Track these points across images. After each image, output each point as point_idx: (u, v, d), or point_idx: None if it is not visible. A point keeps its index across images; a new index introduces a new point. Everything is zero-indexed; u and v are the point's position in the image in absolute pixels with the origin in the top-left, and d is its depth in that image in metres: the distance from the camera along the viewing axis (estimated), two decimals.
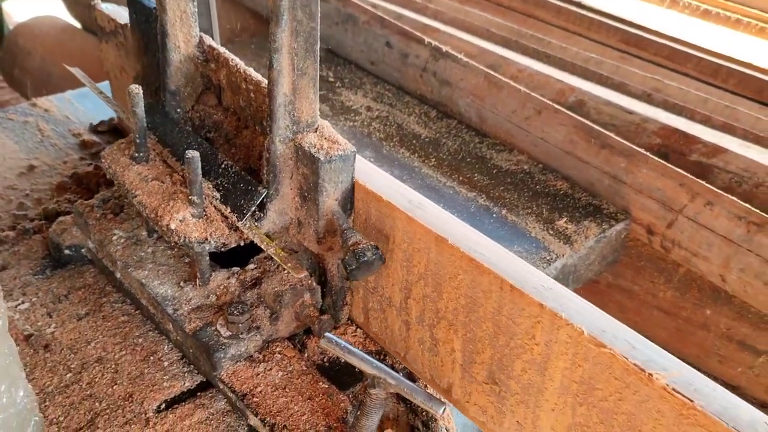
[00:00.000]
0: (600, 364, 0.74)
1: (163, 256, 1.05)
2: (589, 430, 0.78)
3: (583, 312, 0.77)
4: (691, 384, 0.69)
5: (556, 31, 1.98)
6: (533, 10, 2.06)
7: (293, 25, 0.82)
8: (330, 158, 0.87)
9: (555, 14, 2.01)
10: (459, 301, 0.85)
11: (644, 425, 0.72)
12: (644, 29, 1.93)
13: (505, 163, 1.37)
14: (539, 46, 1.87)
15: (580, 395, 0.77)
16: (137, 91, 0.97)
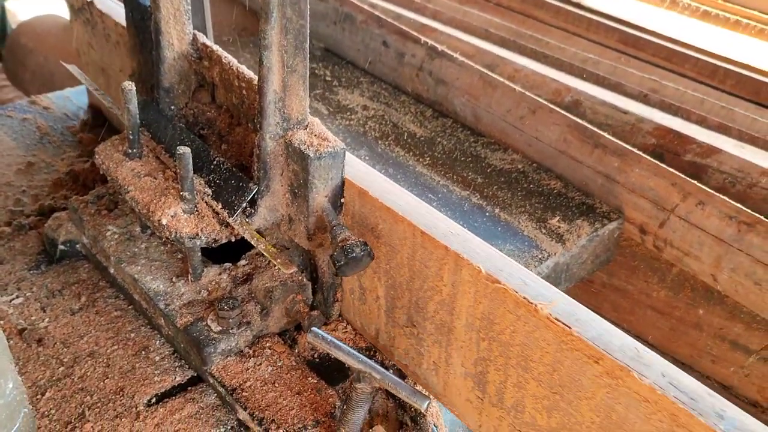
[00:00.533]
0: (496, 299, 0.80)
1: (156, 252, 1.06)
2: (491, 362, 0.84)
3: (483, 253, 0.83)
4: (573, 314, 0.75)
5: (554, 32, 1.98)
6: (532, 11, 2.06)
7: (283, 22, 0.83)
8: (320, 155, 0.88)
9: (554, 15, 2.02)
10: (380, 250, 0.91)
11: (534, 353, 0.78)
12: (643, 30, 1.93)
13: (500, 162, 1.37)
14: (537, 46, 1.87)
15: (482, 331, 0.84)
16: (130, 87, 0.98)
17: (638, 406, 0.68)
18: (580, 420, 0.74)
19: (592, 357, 0.71)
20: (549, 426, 0.78)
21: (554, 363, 0.75)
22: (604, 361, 0.70)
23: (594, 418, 0.73)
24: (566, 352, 0.74)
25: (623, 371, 0.68)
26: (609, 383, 0.70)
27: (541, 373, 0.77)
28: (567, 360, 0.73)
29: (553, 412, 0.77)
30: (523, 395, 0.80)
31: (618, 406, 0.70)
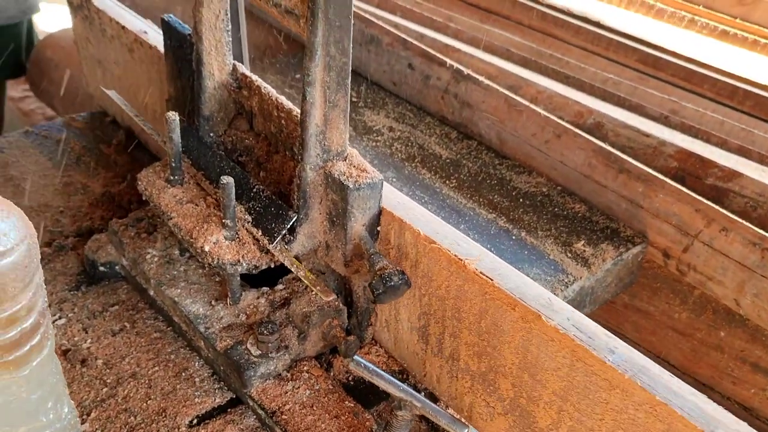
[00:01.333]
0: (433, 258, 0.91)
1: (194, 275, 1.09)
2: (431, 316, 0.95)
3: (423, 219, 0.94)
4: (495, 269, 0.87)
5: (574, 51, 2.01)
6: (552, 29, 2.09)
7: (326, 60, 0.86)
8: (359, 186, 0.91)
9: (574, 33, 2.05)
10: None
11: (464, 305, 0.89)
12: (662, 50, 1.96)
13: (525, 185, 1.40)
14: (558, 66, 1.90)
15: (423, 287, 0.94)
16: (174, 117, 1.01)
17: (547, 346, 0.81)
18: (503, 362, 0.88)
19: (510, 305, 0.83)
20: (480, 370, 0.92)
21: (481, 312, 0.88)
22: (519, 307, 0.83)
23: (514, 359, 0.86)
24: (489, 301, 0.86)
25: (535, 316, 0.81)
26: (524, 327, 0.83)
27: (471, 322, 0.90)
28: (491, 309, 0.86)
29: (483, 356, 0.90)
30: (458, 344, 0.94)
31: (532, 346, 0.83)
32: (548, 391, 0.82)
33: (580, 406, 0.79)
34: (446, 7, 2.18)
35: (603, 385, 0.75)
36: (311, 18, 0.83)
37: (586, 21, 2.09)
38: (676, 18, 2.22)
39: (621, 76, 1.87)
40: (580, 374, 0.77)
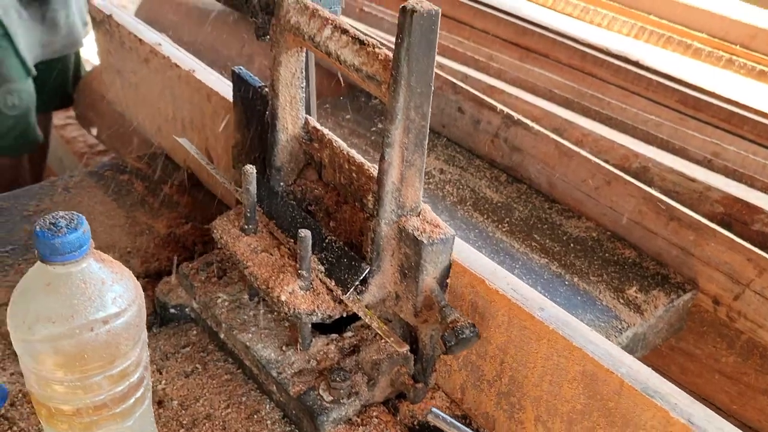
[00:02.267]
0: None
1: (264, 320, 1.14)
2: None
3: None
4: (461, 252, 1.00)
5: (614, 90, 2.05)
6: (591, 68, 2.13)
7: (406, 123, 0.90)
8: (432, 241, 0.95)
9: (613, 73, 2.08)
10: None
11: None
12: (701, 90, 1.99)
13: (575, 230, 1.43)
14: (599, 106, 1.94)
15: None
16: (251, 170, 1.06)
17: (489, 306, 0.97)
18: None
19: (458, 273, 0.99)
20: None
21: None
22: (467, 274, 0.98)
23: None
24: None
25: (479, 281, 0.97)
26: (471, 291, 0.99)
27: None
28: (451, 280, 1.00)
29: None
30: None
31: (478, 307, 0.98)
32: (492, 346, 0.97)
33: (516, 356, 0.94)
34: (487, 46, 2.23)
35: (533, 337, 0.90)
36: (394, 85, 0.88)
37: (626, 60, 2.13)
38: (714, 57, 2.26)
39: (661, 117, 1.90)
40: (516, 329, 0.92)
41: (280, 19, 1.02)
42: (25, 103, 2.21)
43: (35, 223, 0.68)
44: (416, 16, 0.83)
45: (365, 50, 0.92)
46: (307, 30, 0.99)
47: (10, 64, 2.12)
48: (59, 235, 0.66)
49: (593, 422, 0.88)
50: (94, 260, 0.70)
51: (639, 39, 2.42)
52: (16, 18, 2.08)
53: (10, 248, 1.34)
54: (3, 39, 2.06)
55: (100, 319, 0.69)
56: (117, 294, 0.70)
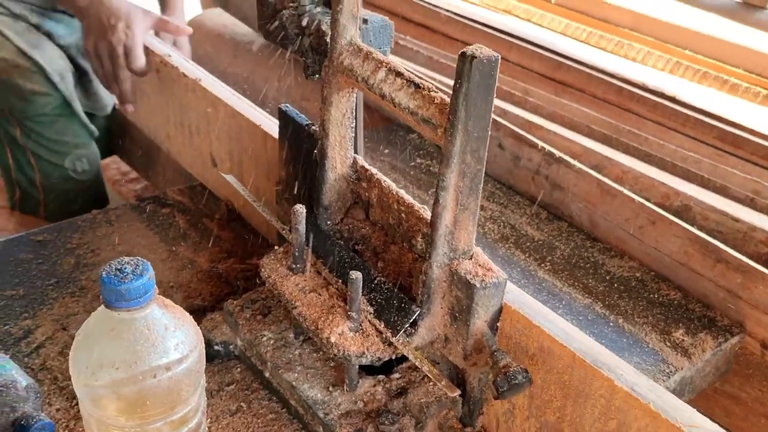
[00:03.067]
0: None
1: (309, 359, 1.13)
2: None
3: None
4: None
5: (651, 126, 2.03)
6: (628, 104, 2.12)
7: (462, 167, 0.90)
8: (485, 285, 0.94)
9: (650, 108, 2.07)
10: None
11: None
12: (739, 127, 1.97)
13: (618, 270, 1.42)
14: (637, 142, 1.93)
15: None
16: (301, 210, 1.06)
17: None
18: None
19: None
20: None
21: None
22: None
23: None
24: None
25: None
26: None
27: None
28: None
29: None
30: None
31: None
32: None
33: None
34: (522, 80, 2.22)
35: None
36: (450, 129, 0.88)
37: (662, 96, 2.12)
38: (751, 93, 2.24)
39: (700, 154, 1.88)
40: None
41: (333, 60, 1.03)
42: (94, 165, 2.19)
43: (101, 269, 0.68)
44: (476, 62, 0.83)
45: (421, 94, 0.92)
46: (360, 72, 0.99)
47: (75, 130, 2.09)
48: (125, 282, 0.66)
49: None
50: (158, 306, 0.70)
51: (674, 74, 2.42)
52: (72, 82, 2.04)
53: (54, 281, 1.35)
54: (63, 107, 2.03)
55: (163, 365, 0.68)
56: (179, 340, 0.70)
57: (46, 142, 2.07)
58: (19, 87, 1.95)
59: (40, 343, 1.22)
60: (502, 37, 2.36)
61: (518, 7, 2.88)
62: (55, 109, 2.03)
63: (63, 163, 2.11)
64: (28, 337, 1.23)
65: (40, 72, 1.96)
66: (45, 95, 1.99)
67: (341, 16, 1.00)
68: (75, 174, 2.14)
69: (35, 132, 2.04)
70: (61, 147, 2.08)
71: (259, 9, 1.23)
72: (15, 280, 1.35)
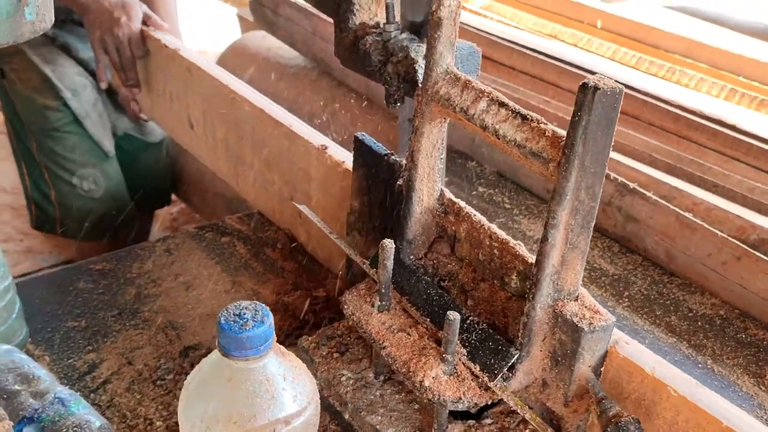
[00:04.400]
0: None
1: (391, 401, 1.08)
2: None
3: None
4: None
5: (712, 155, 1.97)
6: (686, 132, 2.06)
7: (574, 204, 0.85)
8: (593, 328, 0.89)
9: (710, 137, 2.01)
10: None
11: None
12: None
13: (699, 307, 1.36)
14: (700, 171, 1.87)
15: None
16: (390, 246, 1.01)
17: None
18: None
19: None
20: None
21: None
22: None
23: None
24: None
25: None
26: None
27: None
28: None
29: None
30: None
31: None
32: None
33: None
34: None
35: None
36: (566, 164, 0.83)
37: (721, 124, 2.06)
38: None
39: (766, 184, 1.83)
40: None
41: (427, 89, 0.98)
42: (104, 187, 2.13)
43: (219, 314, 0.63)
44: (599, 93, 0.78)
45: (529, 126, 0.88)
46: (458, 102, 0.95)
47: (84, 149, 2.07)
48: (246, 329, 0.61)
49: None
50: (275, 354, 0.65)
51: (730, 101, 2.36)
52: (89, 100, 2.04)
53: (116, 312, 1.31)
54: (74, 123, 2.02)
55: (282, 419, 0.63)
56: (297, 391, 0.65)
57: (57, 158, 2.06)
58: (33, 101, 1.98)
59: (106, 378, 1.17)
60: (552, 63, 2.32)
61: (564, 32, 2.84)
62: (66, 126, 2.03)
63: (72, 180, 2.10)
64: (93, 371, 1.19)
65: (52, 87, 1.97)
66: (56, 111, 2.00)
67: (439, 43, 0.95)
68: (83, 192, 2.11)
69: (48, 147, 2.04)
70: (70, 164, 2.06)
71: (337, 35, 1.19)
72: (76, 310, 1.30)
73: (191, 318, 1.30)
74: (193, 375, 0.66)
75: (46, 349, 1.22)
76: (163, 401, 1.13)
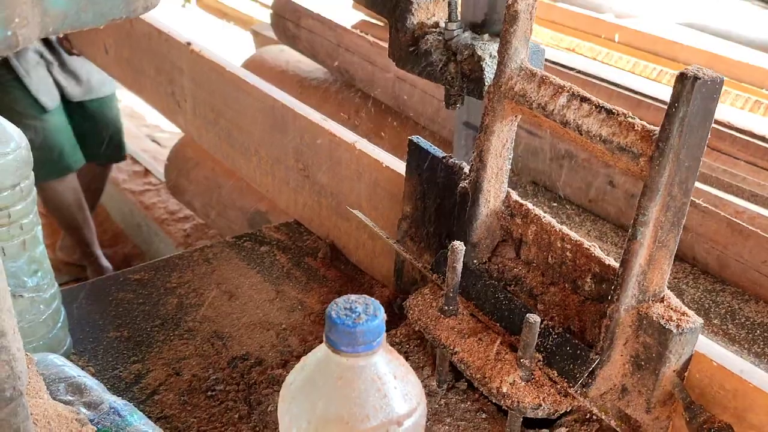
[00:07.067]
0: None
1: (456, 410, 1.04)
2: None
3: None
4: None
5: (743, 166, 1.96)
6: (716, 143, 2.04)
7: (666, 200, 0.82)
8: (681, 330, 0.86)
9: (741, 148, 1.99)
10: None
11: None
12: None
13: (756, 315, 1.33)
14: (734, 181, 1.85)
15: None
16: (461, 248, 0.98)
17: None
18: None
19: None
20: None
21: None
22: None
23: None
24: None
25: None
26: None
27: None
28: None
29: None
30: None
31: None
32: None
33: None
34: None
35: None
36: (659, 158, 0.80)
37: (752, 135, 2.04)
38: None
39: None
40: None
41: (500, 85, 0.95)
42: (42, 137, 2.53)
43: (328, 308, 0.60)
44: (699, 83, 0.75)
45: (616, 120, 0.85)
46: (536, 98, 0.92)
47: (26, 103, 2.47)
48: (359, 323, 0.57)
49: None
50: (385, 351, 0.61)
51: (755, 112, 2.35)
52: (30, 61, 2.44)
53: (159, 322, 1.26)
54: (15, 81, 2.44)
55: (395, 419, 0.60)
56: (407, 390, 0.61)
57: (3, 108, 2.39)
58: None
59: (154, 389, 1.13)
60: (581, 76, 2.30)
61: (582, 46, 2.83)
62: (10, 81, 2.45)
63: None
64: (140, 382, 1.14)
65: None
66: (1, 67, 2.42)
67: (514, 38, 0.92)
68: None
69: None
70: (16, 116, 2.34)
71: (392, 35, 1.16)
72: (117, 321, 1.26)
73: (237, 328, 1.26)
74: (294, 373, 0.62)
75: (90, 360, 1.18)
76: (216, 412, 1.09)
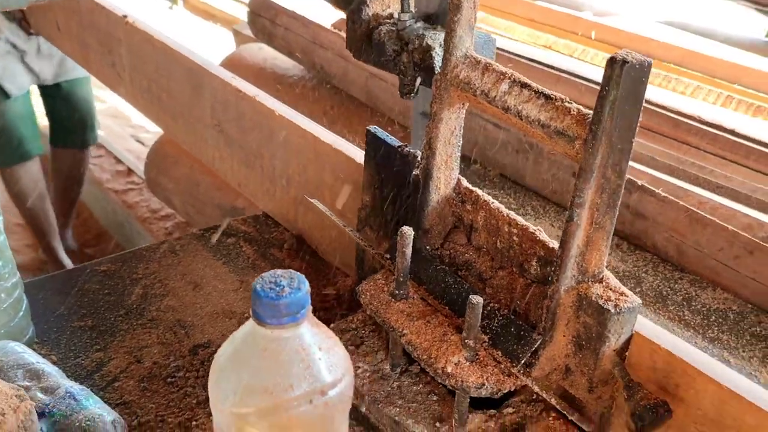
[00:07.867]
0: None
1: (409, 392, 1.06)
2: None
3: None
4: None
5: (712, 159, 1.98)
6: (686, 137, 2.07)
7: (601, 182, 0.84)
8: (619, 310, 0.88)
9: (710, 141, 2.02)
10: None
11: None
12: None
13: (712, 302, 1.35)
14: (701, 174, 1.88)
15: None
16: (409, 232, 1.00)
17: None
18: None
19: None
20: None
21: None
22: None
23: None
24: None
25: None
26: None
27: None
28: None
29: None
30: None
31: None
32: None
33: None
34: None
35: None
36: (592, 141, 0.82)
37: (720, 129, 2.07)
38: None
39: None
40: None
41: (446, 74, 0.97)
42: (2, 123, 2.66)
43: (254, 282, 0.62)
44: (627, 67, 0.78)
45: (553, 105, 0.87)
46: (479, 85, 0.94)
47: None
48: (282, 296, 0.59)
49: None
50: (309, 324, 0.63)
51: (727, 107, 2.38)
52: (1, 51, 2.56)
53: (123, 312, 1.28)
54: None
55: (318, 389, 0.62)
56: (332, 362, 0.63)
57: None
58: None
59: (115, 377, 1.15)
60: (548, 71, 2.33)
61: (558, 43, 2.86)
62: None
63: None
64: (101, 369, 1.16)
65: None
66: None
67: (458, 27, 0.95)
68: None
69: None
70: None
71: (349, 27, 1.18)
72: (82, 310, 1.28)
73: (199, 317, 1.28)
74: (224, 348, 0.64)
75: (53, 349, 1.19)
76: (175, 398, 1.11)
